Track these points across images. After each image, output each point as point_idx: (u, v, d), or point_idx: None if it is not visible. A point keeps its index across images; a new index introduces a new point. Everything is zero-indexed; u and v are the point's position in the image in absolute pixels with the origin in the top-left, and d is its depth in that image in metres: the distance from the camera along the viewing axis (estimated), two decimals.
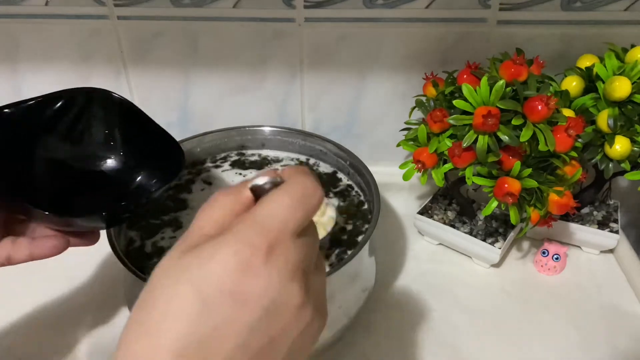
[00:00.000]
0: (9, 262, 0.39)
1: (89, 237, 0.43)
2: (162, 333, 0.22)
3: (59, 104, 0.43)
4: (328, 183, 0.61)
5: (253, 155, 0.65)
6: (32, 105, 0.41)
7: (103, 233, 0.47)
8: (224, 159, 0.64)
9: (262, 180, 0.26)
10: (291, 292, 0.24)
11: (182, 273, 0.23)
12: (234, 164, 0.63)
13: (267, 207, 0.24)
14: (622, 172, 0.56)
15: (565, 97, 0.56)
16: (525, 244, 0.66)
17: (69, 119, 0.44)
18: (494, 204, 0.52)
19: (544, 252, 0.62)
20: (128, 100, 0.45)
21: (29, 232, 0.41)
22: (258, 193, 0.26)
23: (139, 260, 0.50)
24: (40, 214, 0.38)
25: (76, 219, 0.39)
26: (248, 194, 0.26)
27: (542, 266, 0.63)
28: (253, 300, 0.23)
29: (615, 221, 0.64)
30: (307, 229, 0.26)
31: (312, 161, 0.64)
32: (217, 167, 0.63)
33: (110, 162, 0.47)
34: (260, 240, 0.23)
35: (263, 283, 0.23)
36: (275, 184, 0.25)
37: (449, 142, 0.54)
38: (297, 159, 0.64)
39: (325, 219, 0.47)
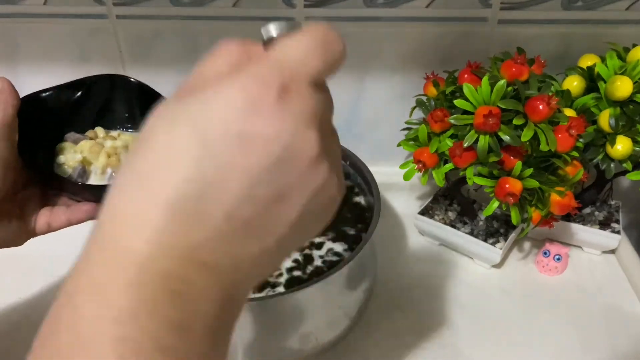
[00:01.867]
0: (49, 228, 0.40)
1: None
2: (157, 180, 0.19)
3: (84, 88, 0.47)
4: None
5: None
6: (62, 88, 0.46)
7: None
8: None
9: (275, 30, 0.22)
10: (307, 140, 0.20)
11: (181, 113, 0.20)
12: None
13: (284, 45, 0.21)
14: (624, 172, 0.56)
15: (566, 97, 0.56)
16: (527, 245, 0.66)
17: (94, 102, 0.47)
18: (495, 204, 0.52)
19: (545, 253, 0.62)
20: (145, 84, 0.48)
21: (63, 203, 0.43)
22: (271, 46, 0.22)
23: None
24: (75, 185, 0.41)
25: (104, 188, 0.41)
26: (258, 47, 0.22)
27: (543, 267, 0.62)
28: (262, 144, 0.19)
29: (617, 221, 0.64)
30: (324, 87, 0.23)
31: None
32: None
33: None
34: (274, 77, 0.20)
35: (275, 125, 0.20)
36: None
37: (449, 142, 0.54)
38: None
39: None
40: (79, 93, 0.46)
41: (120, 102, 0.48)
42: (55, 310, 0.20)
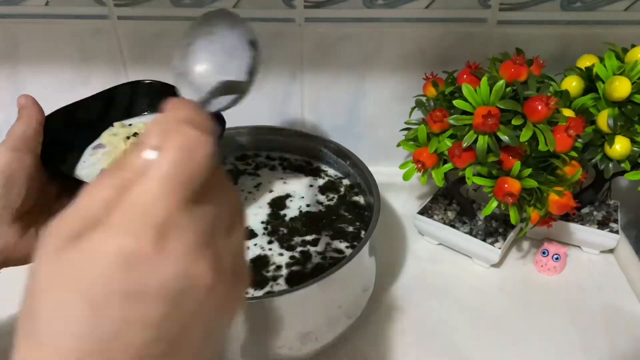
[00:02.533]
0: None
1: None
2: (55, 347, 0.19)
3: (108, 98, 0.48)
4: (328, 183, 0.61)
5: (253, 154, 0.65)
6: (88, 100, 0.46)
7: None
8: (224, 159, 0.64)
9: (145, 156, 0.21)
10: (196, 274, 0.20)
11: (64, 278, 0.20)
12: (234, 164, 0.63)
13: (144, 183, 0.20)
14: (622, 172, 0.56)
15: (565, 97, 0.56)
16: (525, 244, 0.66)
17: (117, 108, 0.49)
18: (494, 204, 0.52)
19: (544, 252, 0.62)
20: (166, 83, 0.49)
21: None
22: None
23: None
24: None
25: None
26: (136, 167, 0.21)
27: (542, 266, 0.63)
28: (152, 295, 0.19)
29: (615, 221, 0.64)
30: (208, 187, 0.21)
31: (313, 160, 0.64)
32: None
33: None
34: (144, 226, 0.19)
35: (159, 274, 0.19)
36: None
37: (449, 142, 0.54)
38: (295, 159, 0.64)
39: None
40: (105, 103, 0.48)
41: (142, 102, 0.50)
42: None
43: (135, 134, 0.46)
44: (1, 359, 0.53)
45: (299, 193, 0.59)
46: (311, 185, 0.61)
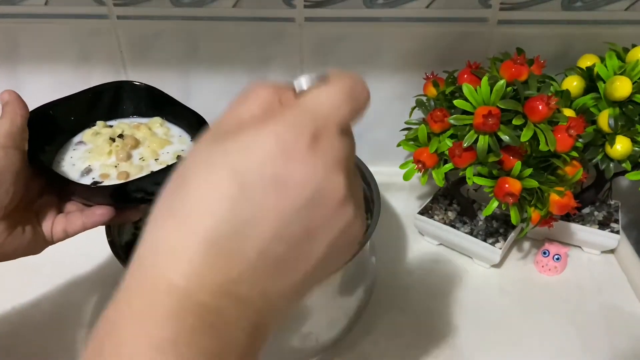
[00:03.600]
0: (65, 235, 0.42)
1: (133, 211, 0.45)
2: (196, 218, 0.21)
3: (93, 96, 0.48)
4: None
5: None
6: (72, 98, 0.47)
7: (104, 234, 0.47)
8: None
9: (306, 82, 0.24)
10: (335, 184, 0.22)
11: (219, 156, 0.21)
12: None
13: (315, 95, 0.23)
14: (623, 172, 0.56)
15: (566, 97, 0.56)
16: (526, 244, 0.66)
17: (102, 107, 0.49)
18: (495, 204, 0.52)
19: (544, 253, 0.62)
20: (152, 87, 0.49)
21: (78, 208, 0.44)
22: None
23: None
24: (86, 189, 0.41)
25: (115, 188, 0.42)
26: (290, 92, 0.24)
27: (542, 266, 0.62)
28: (295, 188, 0.21)
29: (616, 221, 0.64)
30: (350, 132, 0.24)
31: None
32: None
33: None
34: (307, 125, 0.21)
35: (307, 170, 0.21)
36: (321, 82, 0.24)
37: (449, 142, 0.54)
38: None
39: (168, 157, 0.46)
40: (89, 101, 0.48)
41: (127, 103, 0.50)
42: (97, 337, 0.21)
43: (120, 136, 0.46)
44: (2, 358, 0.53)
45: None
46: None
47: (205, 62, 0.67)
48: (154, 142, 0.46)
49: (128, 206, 0.45)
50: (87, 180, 0.43)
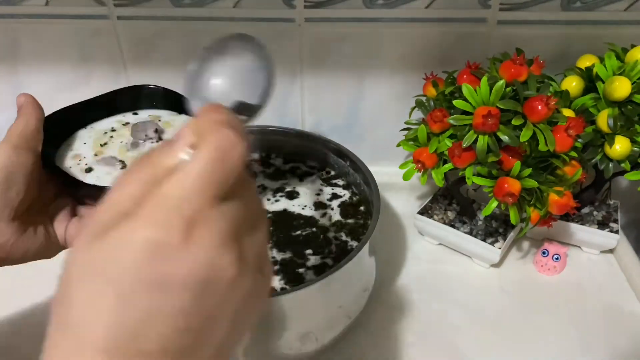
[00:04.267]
0: None
1: None
2: (86, 331, 0.20)
3: (110, 100, 0.48)
4: (327, 183, 0.61)
5: (253, 155, 0.65)
6: (89, 102, 0.46)
7: None
8: None
9: (179, 155, 0.22)
10: (222, 265, 0.21)
11: (94, 267, 0.20)
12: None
13: (179, 178, 0.21)
14: (622, 172, 0.56)
15: (565, 97, 0.56)
16: (525, 244, 0.66)
17: (119, 112, 0.49)
18: (494, 204, 0.52)
19: (544, 252, 0.62)
20: (169, 89, 0.49)
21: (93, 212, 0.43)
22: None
23: None
24: (97, 189, 0.40)
25: None
26: (168, 165, 0.22)
27: (542, 266, 0.63)
28: (178, 285, 0.20)
29: (615, 221, 0.64)
30: (237, 186, 0.22)
31: (312, 161, 0.64)
32: None
33: None
34: (175, 217, 0.20)
35: (186, 265, 0.20)
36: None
37: (449, 142, 0.54)
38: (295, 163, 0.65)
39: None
40: (106, 105, 0.48)
41: (143, 105, 0.50)
42: None
43: (112, 129, 0.47)
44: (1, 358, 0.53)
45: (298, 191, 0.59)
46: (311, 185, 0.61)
47: None
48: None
49: None
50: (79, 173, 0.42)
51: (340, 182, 0.61)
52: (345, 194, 0.60)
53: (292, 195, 0.59)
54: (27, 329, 0.55)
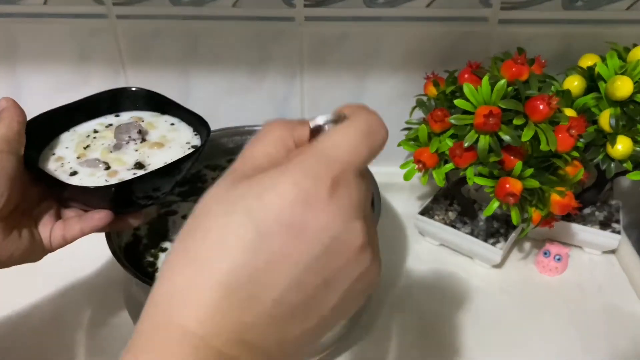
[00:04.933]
0: (64, 241, 0.42)
1: (134, 216, 0.44)
2: (212, 263, 0.20)
3: (91, 104, 0.49)
4: None
5: None
6: (70, 107, 0.47)
7: (103, 236, 0.47)
8: (224, 159, 0.64)
9: (322, 119, 0.24)
10: (354, 231, 0.22)
11: (237, 201, 0.21)
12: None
13: (333, 139, 0.22)
14: (624, 172, 0.56)
15: (566, 97, 0.56)
16: (527, 245, 0.66)
17: (100, 114, 0.50)
18: (495, 204, 0.52)
19: (545, 253, 0.62)
20: (150, 90, 0.50)
21: (77, 214, 0.44)
22: (317, 134, 0.24)
23: (137, 261, 0.50)
24: (78, 190, 0.41)
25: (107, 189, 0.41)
26: (306, 132, 0.24)
27: (543, 267, 0.62)
28: (313, 235, 0.21)
29: (617, 221, 0.64)
30: (366, 173, 0.24)
31: None
32: (215, 167, 0.62)
33: None
34: (325, 172, 0.21)
35: (325, 218, 0.21)
36: (337, 122, 0.23)
37: (450, 142, 0.54)
38: None
39: None
40: (88, 108, 0.48)
41: (127, 106, 0.51)
42: None
43: (95, 131, 0.47)
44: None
45: None
46: None
47: (205, 61, 0.67)
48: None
49: (128, 210, 0.44)
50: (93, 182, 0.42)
51: None
52: None
53: None
54: (27, 329, 0.55)
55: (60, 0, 0.63)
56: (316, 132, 0.24)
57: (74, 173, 0.43)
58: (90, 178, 0.43)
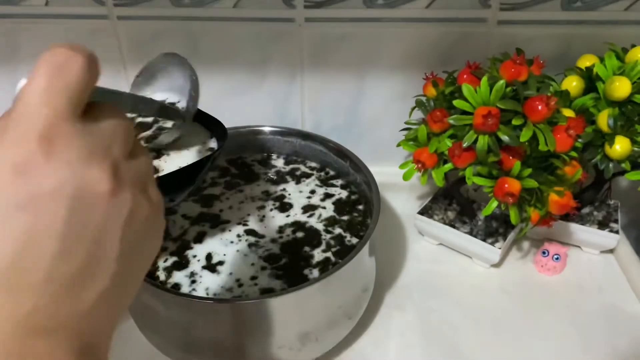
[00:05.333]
0: None
1: None
2: None
3: None
4: (328, 183, 0.61)
5: (252, 155, 0.65)
6: None
7: None
8: (223, 159, 0.64)
9: (22, 84, 0.22)
10: (92, 179, 0.20)
11: None
12: (232, 163, 0.63)
13: (23, 98, 0.20)
14: (623, 172, 0.56)
15: (565, 97, 0.56)
16: (526, 244, 0.66)
17: None
18: (494, 204, 0.52)
19: (544, 252, 0.62)
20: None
21: None
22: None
23: None
24: None
25: None
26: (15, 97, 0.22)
27: (542, 266, 0.63)
28: (47, 202, 0.19)
29: (616, 221, 0.64)
30: (98, 110, 0.22)
31: (311, 162, 0.64)
32: (215, 167, 0.63)
33: None
34: (30, 134, 0.19)
35: (51, 179, 0.19)
36: None
37: (449, 142, 0.54)
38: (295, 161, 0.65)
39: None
40: None
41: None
42: None
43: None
44: None
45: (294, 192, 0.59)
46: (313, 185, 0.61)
47: (205, 62, 0.68)
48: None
49: None
50: None
51: (339, 182, 0.61)
52: (342, 193, 0.59)
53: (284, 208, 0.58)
54: None
55: (61, 1, 0.63)
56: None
57: None
58: None
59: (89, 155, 0.21)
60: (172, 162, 0.42)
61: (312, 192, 0.59)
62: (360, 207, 0.58)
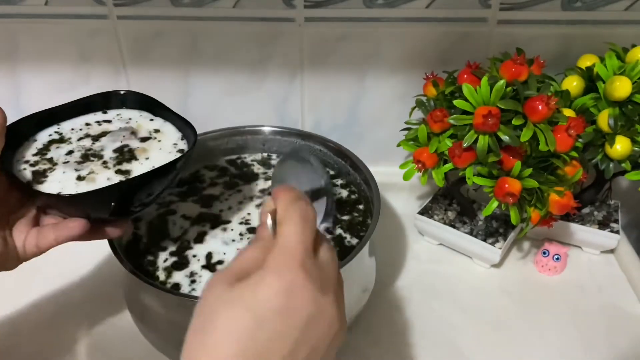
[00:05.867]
0: (38, 249, 0.41)
1: (117, 224, 0.43)
2: (223, 349, 0.25)
3: (78, 107, 0.49)
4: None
5: (252, 155, 0.65)
6: (58, 109, 0.47)
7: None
8: (223, 159, 0.64)
9: (269, 221, 0.31)
10: (326, 304, 0.28)
11: (236, 299, 0.27)
12: (232, 163, 0.63)
13: (284, 236, 0.29)
14: (623, 172, 0.56)
15: (565, 97, 0.56)
16: (526, 244, 0.66)
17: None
18: (495, 204, 0.52)
19: (544, 253, 0.62)
20: (139, 93, 0.50)
21: (52, 222, 0.42)
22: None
23: (138, 260, 0.50)
24: (53, 198, 0.40)
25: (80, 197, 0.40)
26: (268, 234, 0.31)
27: (542, 266, 0.62)
28: (297, 314, 0.27)
29: (616, 221, 0.64)
30: (321, 246, 0.30)
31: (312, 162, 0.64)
32: (213, 168, 0.63)
33: None
34: (294, 263, 0.27)
35: (305, 298, 0.27)
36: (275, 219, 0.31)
37: (449, 142, 0.54)
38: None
39: None
40: (74, 114, 0.48)
41: (113, 108, 0.50)
42: None
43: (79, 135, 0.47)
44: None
45: None
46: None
47: (205, 62, 0.67)
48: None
49: (107, 219, 0.42)
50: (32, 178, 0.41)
51: (339, 181, 0.61)
52: (342, 193, 0.59)
53: None
54: (28, 328, 0.55)
55: (61, 0, 0.63)
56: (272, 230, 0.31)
57: (44, 175, 0.42)
58: (69, 183, 0.41)
59: (325, 284, 0.29)
60: (145, 165, 0.44)
61: None
62: (360, 207, 0.58)
